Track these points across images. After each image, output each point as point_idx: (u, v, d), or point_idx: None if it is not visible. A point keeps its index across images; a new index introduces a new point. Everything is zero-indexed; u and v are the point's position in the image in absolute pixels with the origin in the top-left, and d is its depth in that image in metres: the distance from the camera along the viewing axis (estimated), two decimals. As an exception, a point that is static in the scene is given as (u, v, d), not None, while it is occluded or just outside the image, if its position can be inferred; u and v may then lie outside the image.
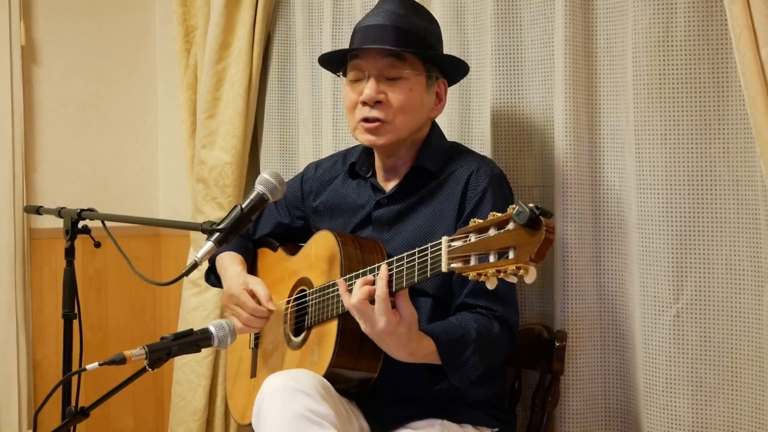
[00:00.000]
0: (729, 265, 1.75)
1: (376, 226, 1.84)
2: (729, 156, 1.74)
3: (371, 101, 1.77)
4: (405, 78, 1.77)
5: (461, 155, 1.86)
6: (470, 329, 1.66)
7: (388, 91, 1.77)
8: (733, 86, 1.73)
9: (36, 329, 2.73)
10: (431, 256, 1.47)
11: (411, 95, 1.78)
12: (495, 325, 1.69)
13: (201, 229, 1.72)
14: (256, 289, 1.84)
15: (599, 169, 1.93)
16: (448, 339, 1.63)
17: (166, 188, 3.03)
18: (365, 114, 1.78)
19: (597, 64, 1.93)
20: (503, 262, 1.29)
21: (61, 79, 2.82)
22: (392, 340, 1.56)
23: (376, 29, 1.77)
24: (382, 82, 1.77)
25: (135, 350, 1.50)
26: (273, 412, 1.56)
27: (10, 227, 2.63)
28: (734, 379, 1.75)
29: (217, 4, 2.48)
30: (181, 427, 2.63)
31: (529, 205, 1.27)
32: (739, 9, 1.59)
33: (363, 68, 1.79)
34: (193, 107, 2.66)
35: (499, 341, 1.70)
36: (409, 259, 1.52)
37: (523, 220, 1.26)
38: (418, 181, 1.82)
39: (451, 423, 1.74)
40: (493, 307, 1.71)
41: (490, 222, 1.34)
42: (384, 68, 1.77)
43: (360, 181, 1.91)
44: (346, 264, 1.72)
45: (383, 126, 1.78)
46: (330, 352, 1.66)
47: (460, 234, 1.40)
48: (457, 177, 1.80)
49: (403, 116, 1.78)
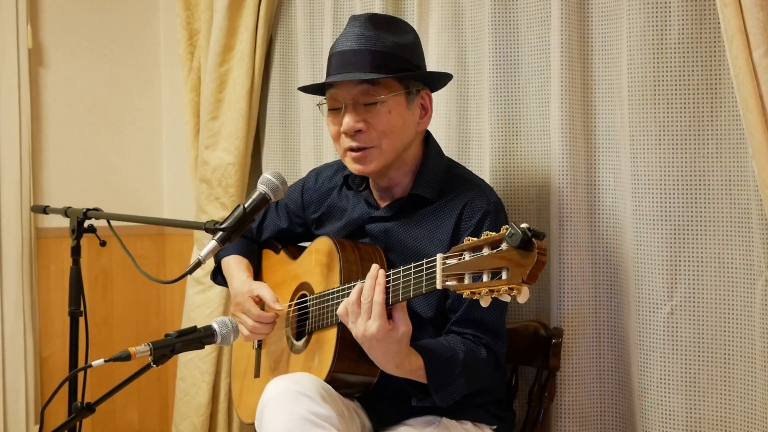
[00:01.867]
0: (722, 263, 1.76)
1: (372, 240, 1.83)
2: (722, 156, 1.75)
3: (351, 131, 1.72)
4: (382, 102, 1.72)
5: (458, 181, 1.81)
6: (458, 351, 1.66)
7: (367, 117, 1.72)
8: (725, 88, 1.74)
9: (43, 326, 2.74)
10: (426, 272, 1.46)
11: (391, 117, 1.72)
12: (482, 351, 1.69)
13: (204, 228, 1.73)
14: (262, 293, 1.84)
15: (594, 170, 1.94)
16: (437, 358, 1.63)
17: (171, 188, 3.05)
18: (349, 144, 1.74)
19: (592, 66, 1.94)
20: (496, 283, 1.29)
21: (68, 82, 2.84)
22: (381, 348, 1.55)
23: (346, 55, 1.72)
24: (359, 110, 1.72)
25: (140, 347, 1.51)
26: (276, 415, 1.57)
27: (18, 226, 2.65)
28: (727, 375, 1.76)
29: (219, 9, 2.50)
30: (185, 422, 2.65)
31: (522, 226, 1.26)
32: (732, 12, 1.60)
33: (338, 98, 1.74)
34: (196, 109, 2.67)
35: (485, 366, 1.70)
36: (405, 273, 1.52)
37: (515, 242, 1.26)
38: (412, 206, 1.80)
39: (451, 420, 1.75)
40: (480, 335, 1.71)
41: (484, 241, 1.33)
42: (359, 96, 1.72)
43: (354, 194, 1.90)
44: (345, 270, 1.72)
45: (370, 152, 1.74)
46: (330, 358, 1.67)
47: (454, 252, 1.39)
48: (453, 206, 1.76)
49: (387, 139, 1.73)
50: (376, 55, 1.71)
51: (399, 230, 1.80)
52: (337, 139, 1.78)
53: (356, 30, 1.74)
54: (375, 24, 1.74)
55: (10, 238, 2.64)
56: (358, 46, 1.72)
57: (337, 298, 1.70)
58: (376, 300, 1.54)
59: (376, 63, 1.71)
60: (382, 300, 1.54)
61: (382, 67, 1.71)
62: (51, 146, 2.81)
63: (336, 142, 1.80)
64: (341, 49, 1.75)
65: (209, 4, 2.59)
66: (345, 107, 1.74)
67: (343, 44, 1.75)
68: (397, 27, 1.78)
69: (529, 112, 2.04)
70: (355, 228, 1.86)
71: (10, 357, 2.63)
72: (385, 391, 1.73)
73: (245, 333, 1.84)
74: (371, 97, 1.72)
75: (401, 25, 1.81)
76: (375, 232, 1.83)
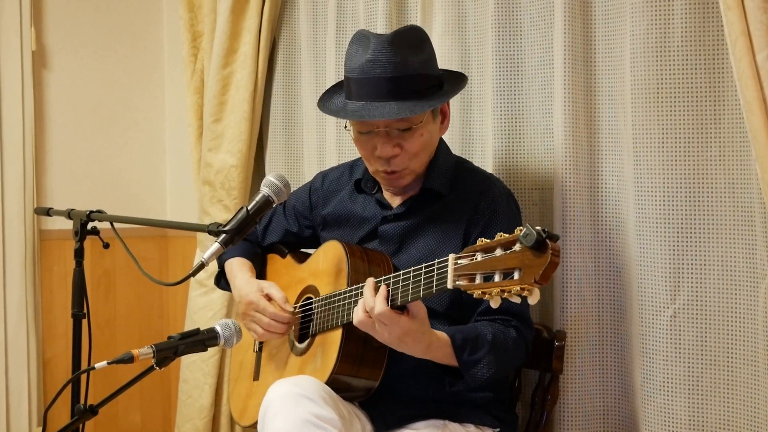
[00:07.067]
0: (725, 266, 1.76)
1: (383, 241, 1.84)
2: (725, 159, 1.75)
3: (388, 157, 1.75)
4: (416, 127, 1.73)
5: (468, 174, 1.85)
6: (486, 332, 1.67)
7: (401, 142, 1.74)
8: (729, 91, 1.74)
9: (46, 328, 2.75)
10: (437, 272, 1.47)
11: (423, 139, 1.75)
12: (511, 331, 1.71)
13: (207, 231, 1.74)
14: (272, 293, 1.85)
15: (598, 172, 1.95)
16: (463, 336, 1.65)
17: (174, 190, 3.05)
18: (383, 167, 1.76)
19: (596, 68, 1.94)
20: (508, 283, 1.30)
21: (71, 84, 2.85)
22: (411, 339, 1.57)
23: (375, 85, 1.69)
24: (393, 134, 1.73)
25: (143, 349, 1.51)
26: (279, 418, 1.58)
27: (21, 228, 2.65)
28: (730, 378, 1.76)
29: (223, 11, 2.51)
30: (187, 424, 2.66)
31: (537, 228, 1.27)
32: (735, 15, 1.60)
33: (371, 124, 1.73)
34: (199, 111, 2.68)
35: (515, 346, 1.71)
36: (415, 273, 1.53)
37: (530, 242, 1.27)
38: (425, 201, 1.82)
39: (454, 423, 1.75)
40: (509, 318, 1.72)
41: (497, 242, 1.34)
42: (393, 123, 1.72)
43: (366, 196, 1.91)
44: (353, 275, 1.72)
45: (402, 172, 1.77)
46: (333, 360, 1.68)
47: (467, 252, 1.40)
48: (465, 199, 1.79)
49: (418, 158, 1.77)
50: (407, 81, 1.70)
51: (412, 228, 1.82)
52: (368, 160, 1.80)
53: (383, 57, 1.70)
54: (398, 45, 1.71)
55: (14, 239, 2.65)
56: (389, 73, 1.69)
57: (343, 301, 1.70)
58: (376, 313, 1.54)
59: (409, 89, 1.70)
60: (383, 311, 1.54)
61: (415, 93, 1.71)
62: (54, 148, 2.81)
63: (366, 161, 1.82)
64: (369, 75, 1.71)
65: (212, 6, 2.60)
66: (378, 134, 1.74)
67: (370, 70, 1.71)
68: (416, 40, 1.76)
69: (532, 114, 2.05)
70: (369, 231, 1.87)
71: (13, 359, 2.64)
72: (389, 394, 1.74)
73: (259, 332, 1.84)
74: (406, 123, 1.73)
75: (417, 36, 1.78)
76: (388, 233, 1.84)
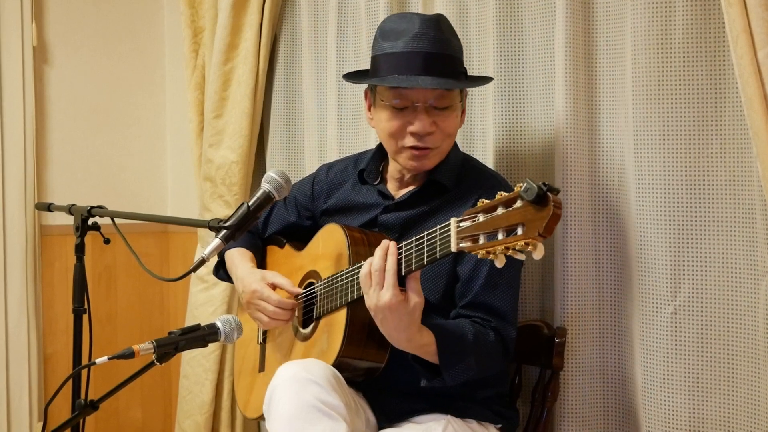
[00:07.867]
0: (725, 263, 1.76)
1: (383, 230, 1.84)
2: (726, 156, 1.76)
3: (423, 133, 1.75)
4: (453, 107, 1.77)
5: (474, 172, 1.87)
6: (468, 332, 1.67)
7: (437, 120, 1.76)
8: (730, 88, 1.74)
9: (47, 324, 2.75)
10: (440, 237, 1.46)
11: (456, 121, 1.80)
12: (490, 334, 1.70)
13: (208, 226, 1.74)
14: (277, 280, 1.85)
15: (598, 168, 1.95)
16: (448, 334, 1.64)
17: (174, 186, 3.06)
18: (415, 143, 1.77)
19: (597, 65, 1.94)
20: (512, 239, 1.30)
21: (72, 79, 2.85)
22: (393, 320, 1.55)
23: (424, 58, 1.73)
24: (431, 112, 1.75)
25: (143, 345, 1.51)
26: (284, 400, 1.58)
27: (22, 224, 2.65)
28: (730, 374, 1.76)
29: (224, 7, 2.51)
30: (188, 420, 2.66)
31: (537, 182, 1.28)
32: (737, 12, 1.60)
33: (410, 98, 1.75)
34: (200, 107, 2.68)
35: (494, 349, 1.70)
36: (418, 241, 1.52)
37: (531, 196, 1.27)
38: (430, 193, 1.83)
39: (457, 418, 1.76)
40: (489, 318, 1.72)
41: (498, 201, 1.34)
42: (433, 98, 1.75)
43: (369, 187, 1.92)
44: (353, 256, 1.73)
45: (431, 152, 1.78)
46: (339, 341, 1.67)
47: (468, 214, 1.40)
48: (468, 194, 1.79)
49: (449, 140, 1.80)
50: (453, 62, 1.76)
51: (412, 218, 1.82)
52: (395, 136, 1.79)
53: (432, 32, 1.75)
54: (442, 26, 1.78)
55: (15, 235, 2.65)
56: (436, 50, 1.74)
57: (346, 279, 1.70)
58: (387, 268, 1.54)
59: (451, 69, 1.76)
60: (394, 268, 1.54)
61: (456, 73, 1.77)
62: (55, 144, 2.82)
63: (392, 139, 1.79)
64: (418, 50, 1.74)
65: (213, 2, 2.60)
66: (415, 108, 1.75)
67: (419, 44, 1.74)
68: (452, 27, 1.83)
69: (533, 111, 2.05)
70: (368, 220, 1.87)
71: (14, 354, 2.64)
72: (393, 387, 1.75)
73: (264, 320, 1.84)
74: (447, 100, 1.76)
75: (451, 24, 1.84)
76: (389, 222, 1.84)
